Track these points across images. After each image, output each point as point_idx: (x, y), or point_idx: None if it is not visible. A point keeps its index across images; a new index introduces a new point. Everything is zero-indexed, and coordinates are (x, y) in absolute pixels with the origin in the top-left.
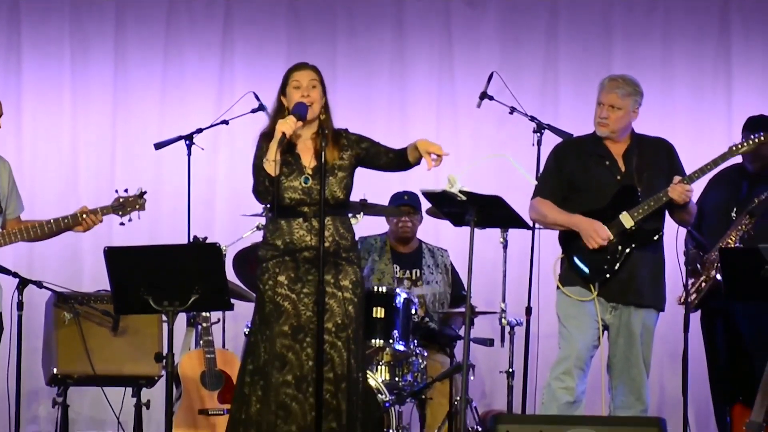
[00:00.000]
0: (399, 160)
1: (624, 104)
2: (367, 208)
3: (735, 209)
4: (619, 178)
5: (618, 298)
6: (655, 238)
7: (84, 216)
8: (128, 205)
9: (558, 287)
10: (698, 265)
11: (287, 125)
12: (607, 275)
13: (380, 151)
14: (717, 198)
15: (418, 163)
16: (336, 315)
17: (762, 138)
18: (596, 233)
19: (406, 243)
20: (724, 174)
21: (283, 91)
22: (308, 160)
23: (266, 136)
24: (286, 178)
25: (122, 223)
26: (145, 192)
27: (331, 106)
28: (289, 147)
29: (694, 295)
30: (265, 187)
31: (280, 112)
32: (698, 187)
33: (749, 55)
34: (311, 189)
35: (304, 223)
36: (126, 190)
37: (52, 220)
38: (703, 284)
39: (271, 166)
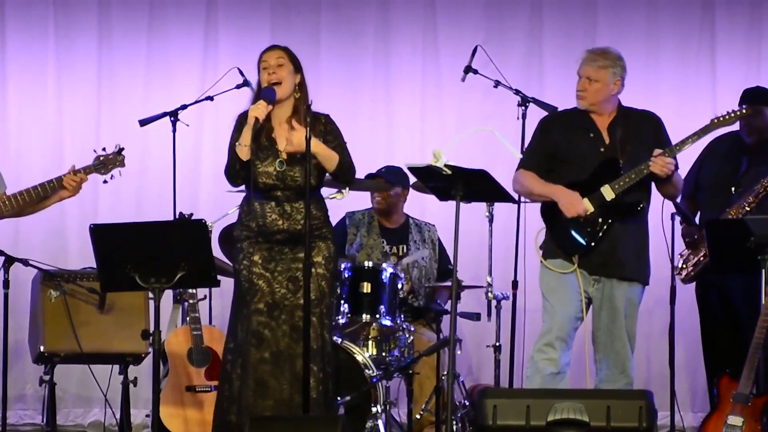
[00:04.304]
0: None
1: (600, 76)
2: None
3: (734, 186)
4: (602, 150)
5: (600, 270)
6: (638, 209)
7: (69, 176)
8: (109, 162)
9: (541, 261)
10: (695, 237)
11: (259, 110)
12: (590, 245)
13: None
14: (714, 171)
15: None
16: (310, 290)
17: (744, 111)
18: (571, 204)
19: (387, 217)
20: (721, 145)
21: (259, 73)
22: (283, 144)
23: (244, 118)
24: (261, 163)
25: (105, 181)
26: (123, 148)
27: (310, 85)
28: (265, 130)
29: (691, 269)
30: (235, 170)
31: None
32: (693, 158)
33: (733, 27)
34: (285, 174)
35: (276, 207)
36: (104, 149)
37: (38, 185)
38: (702, 258)
39: (243, 151)
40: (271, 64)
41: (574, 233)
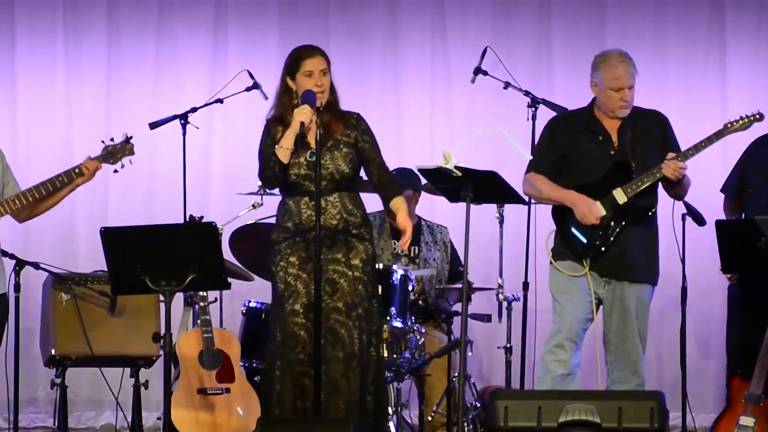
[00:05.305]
0: (377, 188)
1: (635, 81)
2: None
3: None
4: (612, 153)
5: (609, 273)
6: (649, 214)
7: (81, 167)
8: (117, 152)
9: (551, 262)
10: None
11: (305, 115)
12: (601, 250)
13: (374, 161)
14: (761, 171)
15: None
16: (346, 294)
17: (756, 116)
18: (590, 211)
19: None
20: (764, 145)
21: (291, 74)
22: (313, 139)
23: (274, 121)
24: (291, 156)
25: (116, 170)
26: (131, 137)
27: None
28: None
29: None
30: (274, 173)
31: (286, 95)
32: (735, 155)
33: (742, 27)
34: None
35: (310, 203)
36: (112, 139)
37: (46, 181)
38: None
39: (285, 154)
40: (315, 74)
41: (580, 236)
